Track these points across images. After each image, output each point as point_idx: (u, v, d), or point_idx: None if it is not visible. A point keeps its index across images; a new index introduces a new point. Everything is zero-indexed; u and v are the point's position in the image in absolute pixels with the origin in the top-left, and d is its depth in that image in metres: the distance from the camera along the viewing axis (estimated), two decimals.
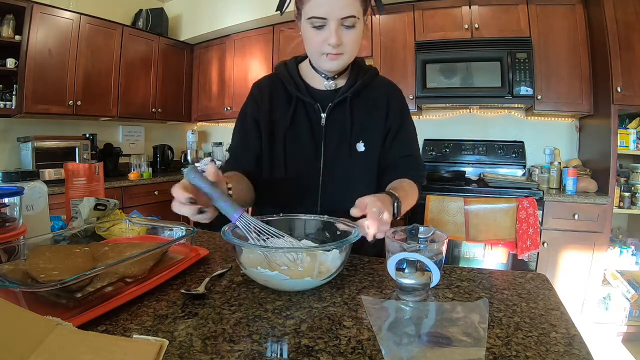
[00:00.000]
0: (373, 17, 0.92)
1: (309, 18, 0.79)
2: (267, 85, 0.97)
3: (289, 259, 0.64)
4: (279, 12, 0.91)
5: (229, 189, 0.71)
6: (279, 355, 0.44)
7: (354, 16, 0.78)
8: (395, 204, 0.75)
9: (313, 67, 0.92)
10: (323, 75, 0.92)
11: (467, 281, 0.68)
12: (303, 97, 0.92)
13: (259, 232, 0.65)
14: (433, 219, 1.52)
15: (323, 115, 0.92)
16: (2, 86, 2.53)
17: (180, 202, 0.61)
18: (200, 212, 0.61)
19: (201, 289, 0.61)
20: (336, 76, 0.93)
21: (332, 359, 0.43)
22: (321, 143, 0.92)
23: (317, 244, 0.75)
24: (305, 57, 0.96)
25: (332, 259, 0.66)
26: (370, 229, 0.64)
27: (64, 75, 2.70)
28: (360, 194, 0.72)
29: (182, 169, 3.51)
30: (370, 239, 0.65)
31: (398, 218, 0.76)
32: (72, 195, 1.04)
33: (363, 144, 0.92)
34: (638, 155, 2.30)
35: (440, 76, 2.56)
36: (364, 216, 0.66)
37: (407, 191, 0.84)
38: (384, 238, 0.67)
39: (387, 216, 0.66)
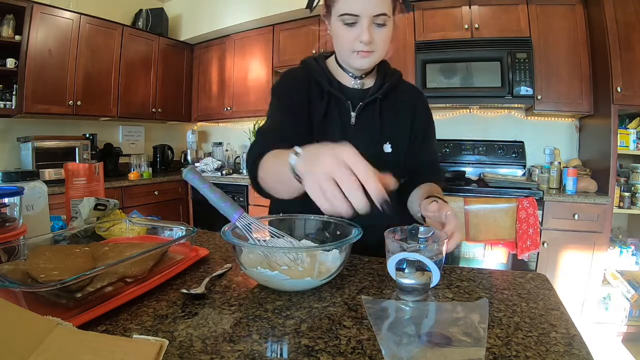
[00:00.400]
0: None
1: (340, 15, 0.79)
2: (301, 75, 0.94)
3: (289, 259, 0.64)
4: (308, 9, 0.89)
5: None
6: (279, 355, 0.44)
7: (386, 14, 0.78)
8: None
9: (339, 65, 0.92)
10: (350, 74, 0.92)
11: (467, 281, 0.68)
12: (336, 92, 0.91)
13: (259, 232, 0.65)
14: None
15: (353, 114, 0.92)
16: (2, 86, 2.53)
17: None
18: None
19: (201, 289, 0.61)
20: (363, 75, 0.93)
21: (332, 359, 0.43)
22: (350, 142, 0.91)
23: (317, 244, 0.75)
24: (329, 54, 0.95)
25: (332, 259, 0.66)
26: (455, 237, 0.67)
27: (64, 75, 2.70)
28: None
29: (182, 169, 3.50)
30: (453, 248, 0.67)
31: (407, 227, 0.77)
32: (72, 195, 1.04)
33: (390, 145, 0.92)
34: (638, 155, 2.30)
35: (440, 76, 2.56)
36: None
37: (441, 195, 0.86)
38: (384, 238, 0.67)
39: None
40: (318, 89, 0.93)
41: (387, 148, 0.92)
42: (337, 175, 0.43)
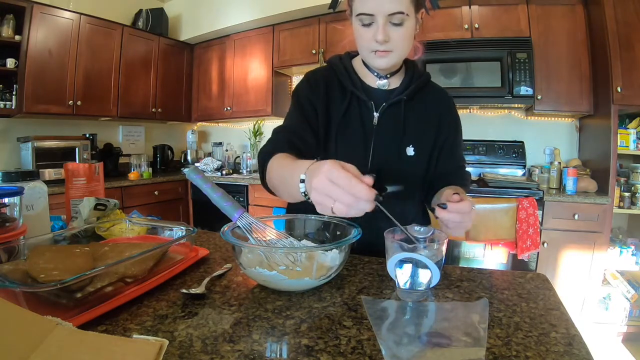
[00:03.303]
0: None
1: (357, 15, 0.79)
2: (324, 76, 0.94)
3: (288, 259, 0.64)
4: (331, 9, 0.89)
5: None
6: (279, 355, 0.44)
7: (402, 12, 0.77)
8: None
9: (365, 65, 0.92)
10: (376, 73, 0.91)
11: (467, 281, 0.68)
12: (358, 93, 0.90)
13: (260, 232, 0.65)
14: (433, 219, 1.52)
15: (376, 114, 0.91)
16: (2, 86, 2.53)
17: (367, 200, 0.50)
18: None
19: (201, 289, 0.61)
20: (389, 75, 0.92)
21: (332, 359, 0.43)
22: (371, 142, 0.90)
23: (316, 244, 0.75)
24: (356, 53, 0.95)
25: (331, 259, 0.66)
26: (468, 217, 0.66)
27: (64, 75, 2.70)
28: (406, 197, 0.71)
29: (182, 169, 3.50)
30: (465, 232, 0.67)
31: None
32: (72, 195, 1.04)
33: (413, 148, 0.91)
34: (638, 155, 2.30)
35: (441, 76, 2.56)
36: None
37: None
38: (384, 238, 0.67)
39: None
40: (340, 89, 0.92)
41: (410, 151, 0.91)
42: (327, 191, 0.50)
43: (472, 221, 0.69)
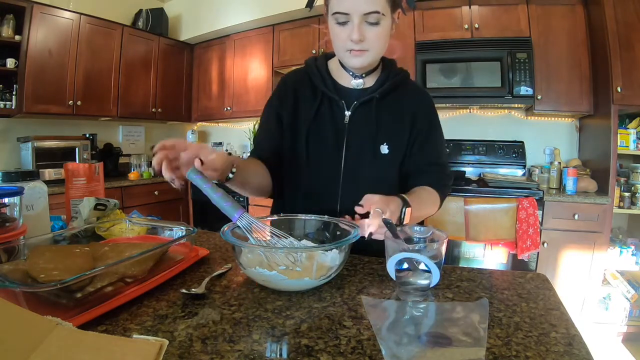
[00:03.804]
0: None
1: (333, 14, 0.79)
2: (294, 79, 0.96)
3: (288, 260, 0.64)
4: (308, 8, 0.90)
5: (232, 172, 0.73)
6: (279, 355, 0.44)
7: (378, 12, 0.77)
8: (403, 209, 0.74)
9: (342, 65, 0.92)
10: (351, 73, 0.91)
11: (467, 281, 0.68)
12: (329, 92, 0.91)
13: (259, 232, 0.65)
14: (433, 219, 1.52)
15: (347, 113, 0.91)
16: (2, 86, 2.53)
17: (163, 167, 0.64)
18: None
19: (201, 289, 0.61)
20: (364, 75, 0.91)
21: (332, 359, 0.43)
22: (343, 141, 0.91)
23: (316, 244, 0.75)
24: (333, 54, 0.95)
25: (331, 259, 0.66)
26: (369, 227, 0.63)
27: (64, 75, 2.70)
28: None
29: None
30: (365, 236, 0.65)
31: (404, 224, 0.75)
32: (72, 195, 1.04)
33: (387, 146, 0.91)
34: (638, 155, 2.30)
35: (440, 76, 2.56)
36: (368, 214, 0.66)
37: (422, 199, 0.84)
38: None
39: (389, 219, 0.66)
40: (312, 90, 0.94)
41: (384, 149, 0.91)
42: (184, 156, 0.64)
43: (379, 222, 0.67)
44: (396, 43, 0.95)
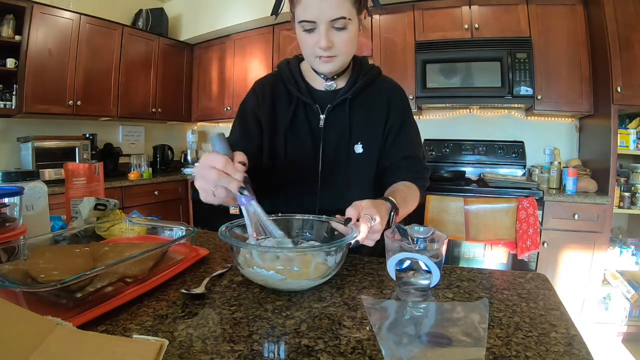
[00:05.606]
0: (373, 17, 0.90)
1: (299, 22, 0.79)
2: (270, 84, 0.96)
3: (279, 259, 0.63)
4: (274, 15, 0.91)
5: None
6: (279, 355, 0.44)
7: (344, 17, 0.76)
8: (392, 214, 0.74)
9: (313, 68, 0.92)
10: (322, 76, 0.91)
11: (467, 281, 0.68)
12: (303, 97, 0.91)
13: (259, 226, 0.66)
14: (433, 219, 1.52)
15: (322, 116, 0.92)
16: (2, 86, 2.53)
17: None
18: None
19: (201, 289, 0.61)
20: (336, 77, 0.92)
21: (332, 359, 0.43)
22: (319, 145, 0.92)
23: (314, 244, 0.75)
24: None
25: (329, 259, 0.66)
26: (359, 234, 0.63)
27: (64, 75, 2.70)
28: (358, 196, 0.71)
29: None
30: (352, 242, 0.64)
31: (393, 227, 0.75)
32: (72, 195, 1.04)
33: (361, 145, 0.91)
34: (638, 155, 2.30)
35: (441, 76, 2.56)
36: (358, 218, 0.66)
37: (406, 196, 0.83)
38: (383, 238, 0.67)
39: (378, 226, 0.66)
40: (287, 95, 0.94)
41: (358, 149, 0.91)
42: (201, 173, 0.59)
43: (369, 228, 0.65)
44: (365, 41, 0.95)
